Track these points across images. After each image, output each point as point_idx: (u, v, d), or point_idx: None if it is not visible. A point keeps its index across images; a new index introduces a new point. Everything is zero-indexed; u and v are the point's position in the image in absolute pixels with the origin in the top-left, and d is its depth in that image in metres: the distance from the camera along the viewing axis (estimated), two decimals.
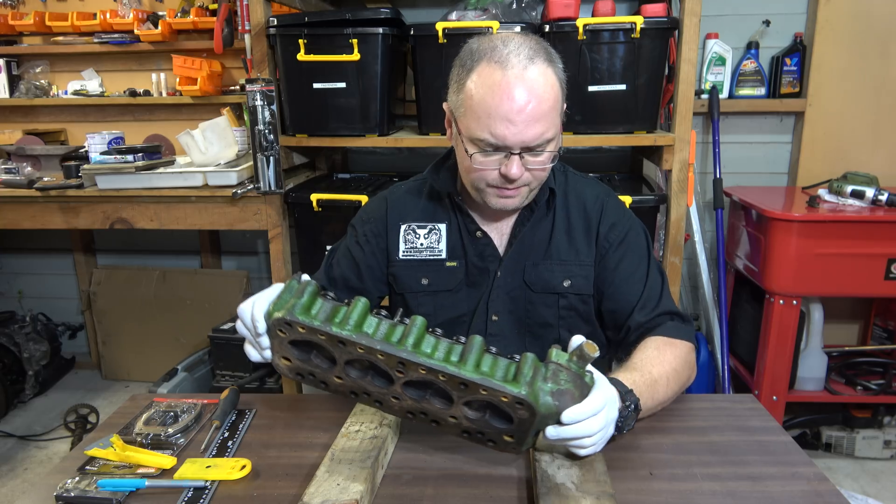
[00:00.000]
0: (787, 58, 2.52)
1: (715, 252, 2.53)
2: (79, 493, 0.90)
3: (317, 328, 0.83)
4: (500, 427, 0.86)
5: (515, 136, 1.04)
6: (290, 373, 0.91)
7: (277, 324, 0.85)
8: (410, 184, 1.33)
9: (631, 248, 1.23)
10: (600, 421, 0.86)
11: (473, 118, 1.06)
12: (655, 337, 1.15)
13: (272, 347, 0.90)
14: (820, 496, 0.89)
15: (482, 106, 1.04)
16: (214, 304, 3.00)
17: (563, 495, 0.83)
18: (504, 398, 0.81)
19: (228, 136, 2.39)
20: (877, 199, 2.17)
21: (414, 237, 1.27)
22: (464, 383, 0.82)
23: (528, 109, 1.02)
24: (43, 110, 2.92)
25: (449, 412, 0.87)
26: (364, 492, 0.84)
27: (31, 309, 3.20)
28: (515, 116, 1.02)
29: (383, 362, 0.83)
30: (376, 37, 2.02)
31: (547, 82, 1.04)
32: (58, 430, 2.72)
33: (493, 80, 1.03)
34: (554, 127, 1.07)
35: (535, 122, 1.04)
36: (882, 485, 2.27)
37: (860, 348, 2.58)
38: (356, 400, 0.91)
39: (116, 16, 2.68)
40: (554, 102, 1.05)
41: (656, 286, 1.22)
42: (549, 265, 1.23)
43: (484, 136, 1.05)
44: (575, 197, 1.26)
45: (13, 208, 2.28)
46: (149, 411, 1.12)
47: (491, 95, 1.03)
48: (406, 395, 0.87)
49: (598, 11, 2.12)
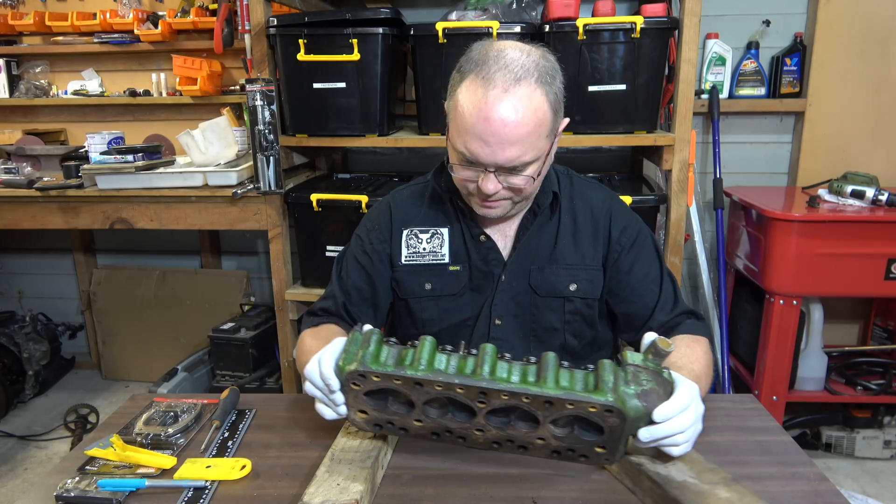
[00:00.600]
0: (787, 58, 2.52)
1: (715, 252, 2.53)
2: (79, 493, 0.90)
3: (391, 374, 0.84)
4: (591, 440, 0.86)
5: (489, 156, 1.03)
6: (367, 426, 0.91)
7: (351, 377, 0.86)
8: (413, 188, 1.32)
9: (643, 250, 1.24)
10: (691, 416, 0.85)
11: (455, 129, 1.07)
12: (682, 335, 1.17)
13: (347, 403, 0.90)
14: (820, 496, 0.89)
15: (462, 120, 1.04)
16: (214, 304, 3.00)
17: (698, 492, 0.82)
18: (592, 408, 0.81)
19: (228, 136, 2.39)
20: (877, 199, 2.17)
21: (416, 242, 1.26)
22: (548, 401, 0.82)
23: (503, 132, 1.01)
24: (43, 110, 2.92)
25: (536, 434, 0.86)
26: (364, 492, 0.84)
27: (31, 309, 3.20)
28: (489, 137, 1.01)
29: (463, 395, 0.84)
30: (376, 37, 2.02)
31: (530, 105, 1.01)
32: (58, 430, 2.72)
33: (476, 97, 1.02)
34: (534, 150, 1.05)
35: (509, 146, 1.02)
36: (882, 485, 2.27)
37: (860, 348, 2.58)
38: (438, 441, 0.91)
39: (116, 16, 2.68)
40: (535, 126, 1.02)
41: (671, 286, 1.24)
42: (555, 269, 1.22)
43: (461, 149, 1.06)
44: (581, 200, 1.25)
45: (13, 208, 2.28)
46: (149, 411, 1.12)
47: (470, 112, 1.02)
48: (490, 425, 0.86)
49: (598, 11, 2.12)
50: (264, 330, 2.67)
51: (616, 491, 0.90)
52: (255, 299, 3.07)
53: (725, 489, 0.83)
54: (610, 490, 0.90)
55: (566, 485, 0.91)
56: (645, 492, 0.87)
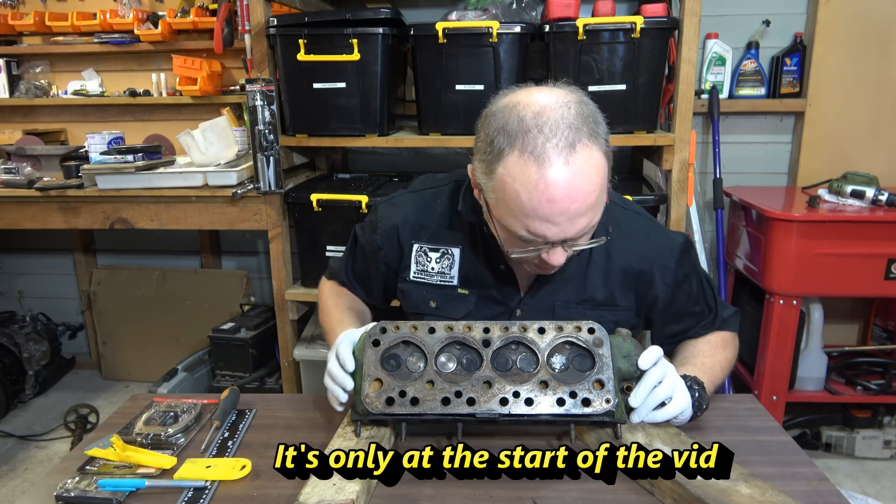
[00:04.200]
0: (787, 58, 2.52)
1: (715, 252, 2.53)
2: (79, 493, 0.90)
3: (409, 322, 0.99)
4: (586, 371, 0.94)
5: (557, 234, 0.94)
6: (379, 401, 0.94)
7: (373, 333, 0.98)
8: (426, 195, 1.23)
9: (686, 276, 1.19)
10: (669, 365, 0.99)
11: (507, 212, 0.95)
12: (710, 333, 1.24)
13: (365, 375, 0.96)
14: (820, 496, 0.89)
15: (517, 203, 0.92)
16: (214, 304, 3.00)
17: (720, 489, 0.82)
18: (577, 328, 0.96)
19: (228, 136, 2.39)
20: (877, 199, 2.16)
21: (425, 260, 1.20)
22: (541, 329, 0.97)
23: (571, 209, 0.90)
24: (43, 110, 2.92)
25: (538, 377, 0.94)
26: (360, 492, 0.84)
27: (31, 309, 3.20)
28: (557, 217, 0.91)
29: (469, 335, 0.97)
30: (376, 37, 2.02)
31: (592, 169, 0.91)
32: (58, 430, 2.72)
33: (529, 179, 0.89)
34: (600, 209, 0.96)
35: (580, 218, 0.92)
36: (882, 485, 2.27)
37: (860, 348, 2.58)
38: (442, 421, 0.94)
39: (116, 16, 2.68)
40: (600, 188, 0.93)
41: (712, 299, 1.24)
42: (582, 311, 1.16)
43: (521, 232, 0.95)
44: (619, 234, 1.14)
45: (13, 208, 2.28)
46: (149, 411, 1.12)
47: (527, 195, 0.90)
48: (496, 372, 0.95)
49: (598, 11, 2.12)
50: (264, 330, 2.68)
51: (616, 491, 0.90)
52: (255, 299, 3.07)
53: (745, 485, 0.83)
54: (610, 490, 0.90)
55: (566, 485, 0.91)
56: (664, 491, 0.87)
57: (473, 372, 0.95)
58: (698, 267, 1.23)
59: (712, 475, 0.85)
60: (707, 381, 1.06)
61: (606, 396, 0.92)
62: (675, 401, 0.98)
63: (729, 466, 0.86)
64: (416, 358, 0.97)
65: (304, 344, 2.36)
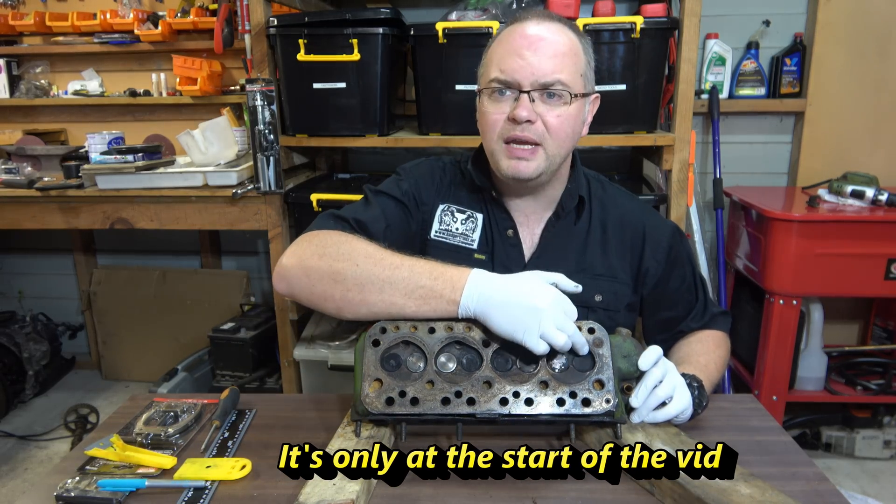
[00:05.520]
0: (787, 58, 2.52)
1: (715, 252, 2.53)
2: (79, 493, 0.90)
3: (409, 322, 0.98)
4: (586, 372, 0.94)
5: (523, 68, 1.04)
6: (379, 400, 0.93)
7: (373, 333, 0.96)
8: (447, 163, 1.29)
9: (679, 259, 1.25)
10: (669, 364, 0.99)
11: (487, 66, 1.10)
12: (703, 332, 1.27)
13: (364, 375, 0.94)
14: (820, 496, 0.89)
15: (496, 51, 1.08)
16: (214, 304, 3.00)
17: (720, 489, 0.82)
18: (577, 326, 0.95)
19: (228, 136, 2.39)
20: (877, 199, 2.17)
21: (451, 220, 1.22)
22: None
23: (539, 44, 1.04)
24: (43, 110, 2.92)
25: (537, 376, 0.94)
26: (360, 491, 0.84)
27: (31, 309, 3.21)
28: (525, 51, 1.04)
29: (468, 334, 0.96)
30: (376, 37, 2.02)
31: (564, 35, 1.06)
32: (58, 430, 2.73)
33: (507, 30, 1.08)
34: (569, 73, 1.06)
35: (546, 59, 1.04)
36: (882, 485, 2.27)
37: (860, 348, 2.58)
38: (442, 422, 0.94)
39: (116, 16, 2.69)
40: (570, 50, 1.06)
41: (702, 292, 1.28)
42: (583, 279, 1.17)
43: (494, 74, 1.07)
44: (614, 209, 1.23)
45: (13, 208, 2.28)
46: (149, 411, 1.12)
47: (506, 39, 1.07)
48: (496, 371, 0.94)
49: (598, 11, 2.12)
50: (264, 330, 2.68)
51: (616, 491, 0.90)
52: (255, 299, 3.07)
53: (745, 485, 0.83)
54: (610, 490, 0.90)
55: (566, 485, 0.91)
56: (664, 491, 0.87)
57: (473, 372, 0.95)
58: (692, 257, 1.29)
59: (716, 475, 0.84)
60: (704, 380, 1.08)
61: (606, 396, 0.92)
62: (675, 400, 0.98)
63: (733, 466, 0.85)
64: (416, 358, 0.97)
65: (304, 344, 2.36)
